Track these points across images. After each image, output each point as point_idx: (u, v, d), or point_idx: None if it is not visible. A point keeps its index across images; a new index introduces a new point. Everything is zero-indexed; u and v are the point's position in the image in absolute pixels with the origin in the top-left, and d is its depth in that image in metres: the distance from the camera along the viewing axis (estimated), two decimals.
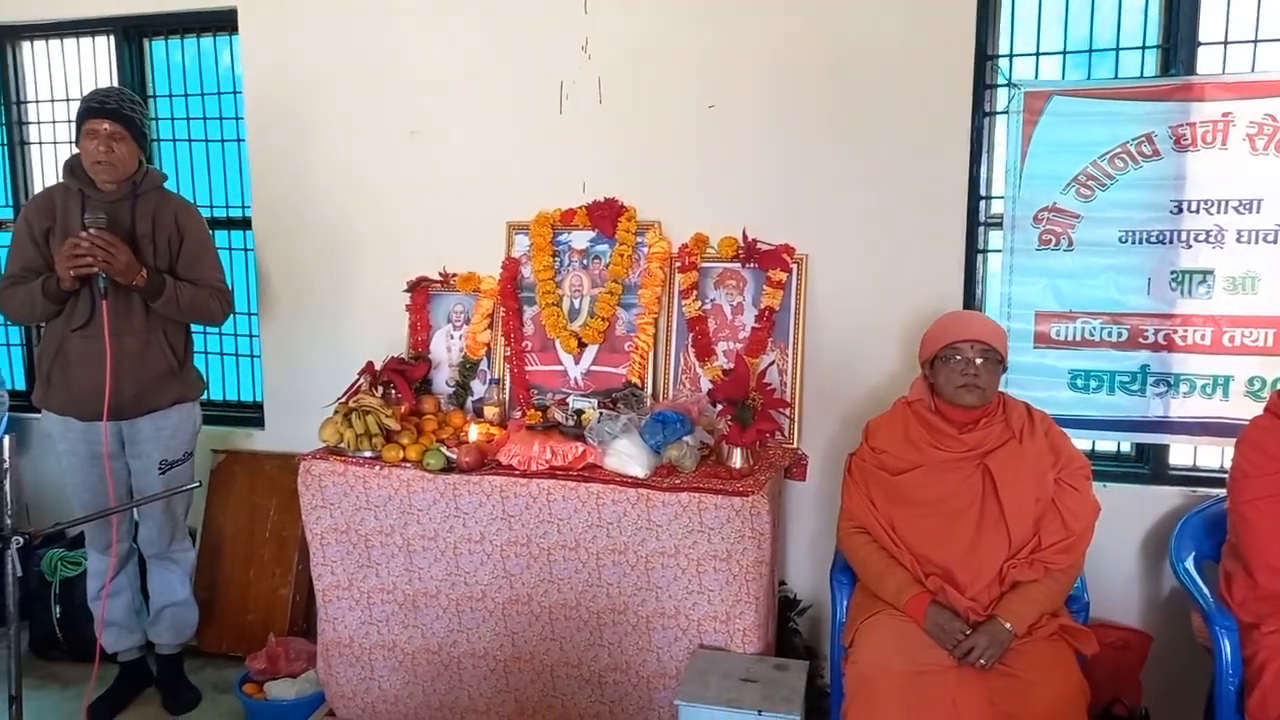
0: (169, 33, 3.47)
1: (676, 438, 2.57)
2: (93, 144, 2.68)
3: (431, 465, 2.62)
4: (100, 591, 2.91)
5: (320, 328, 3.41)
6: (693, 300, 2.92)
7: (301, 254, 3.39)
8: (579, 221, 3.05)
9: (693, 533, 2.43)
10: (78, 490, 2.87)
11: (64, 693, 3.09)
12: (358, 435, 2.72)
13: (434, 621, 2.67)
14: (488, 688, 2.65)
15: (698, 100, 2.94)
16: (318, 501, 2.72)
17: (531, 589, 2.57)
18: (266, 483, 3.41)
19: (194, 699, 3.03)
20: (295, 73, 3.27)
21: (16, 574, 2.14)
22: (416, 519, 2.64)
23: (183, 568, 3.04)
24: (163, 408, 2.85)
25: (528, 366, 3.09)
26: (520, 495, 2.55)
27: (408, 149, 3.23)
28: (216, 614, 3.31)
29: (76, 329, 2.72)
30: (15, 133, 3.68)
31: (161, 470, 2.87)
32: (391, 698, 2.73)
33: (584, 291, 3.06)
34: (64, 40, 3.60)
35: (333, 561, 2.73)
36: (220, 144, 3.51)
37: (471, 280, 3.16)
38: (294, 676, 2.93)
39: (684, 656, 2.47)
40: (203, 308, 2.86)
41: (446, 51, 3.14)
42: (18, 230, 2.80)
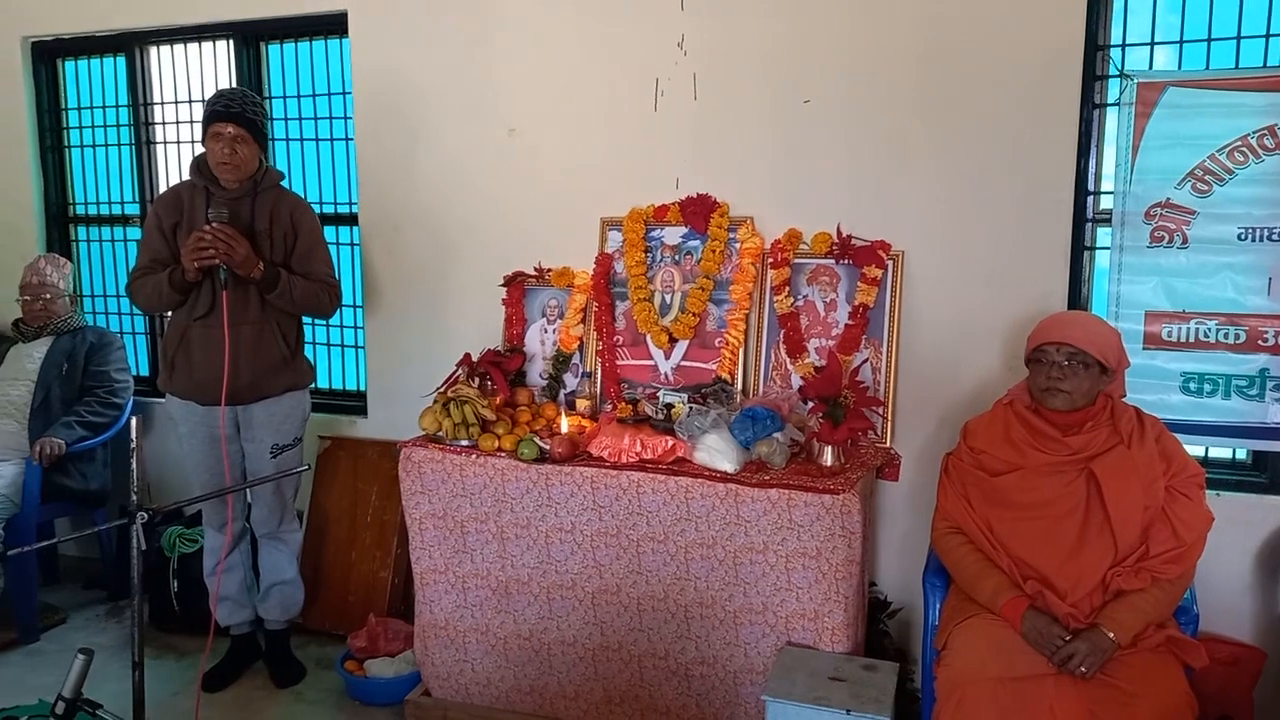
0: (284, 36, 3.64)
1: (766, 434, 2.57)
2: (218, 146, 2.83)
3: (525, 455, 2.68)
4: (215, 567, 3.08)
5: (421, 320, 3.53)
6: (785, 296, 2.91)
7: (404, 249, 3.51)
8: (671, 217, 3.07)
9: (782, 529, 2.42)
10: (196, 471, 3.04)
11: (180, 662, 3.27)
12: (455, 424, 2.80)
13: (526, 608, 2.73)
14: (577, 675, 2.70)
15: (792, 95, 2.93)
16: (417, 487, 2.81)
17: (620, 579, 2.61)
18: (369, 468, 3.55)
19: (299, 673, 3.17)
20: (401, 74, 3.39)
21: (141, 548, 2.29)
22: (510, 507, 2.71)
23: (291, 548, 3.18)
24: (275, 394, 2.99)
25: (619, 360, 3.12)
26: (610, 487, 2.59)
27: (506, 147, 3.30)
28: (320, 593, 3.46)
29: (198, 318, 2.88)
30: (142, 133, 3.91)
31: (273, 454, 3.01)
32: (484, 680, 2.81)
33: (675, 287, 3.09)
34: (187, 45, 3.80)
35: (430, 546, 2.82)
36: (330, 143, 3.66)
37: (566, 275, 3.22)
38: (392, 656, 3.05)
39: (771, 653, 2.47)
40: (314, 300, 2.99)
41: (545, 52, 3.20)
42: (147, 224, 2.98)
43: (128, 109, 3.91)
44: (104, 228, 4.09)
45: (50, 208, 4.11)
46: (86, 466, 3.61)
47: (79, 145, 4.08)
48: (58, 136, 4.08)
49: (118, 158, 4.00)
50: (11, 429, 3.51)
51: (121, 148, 3.98)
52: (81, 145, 4.08)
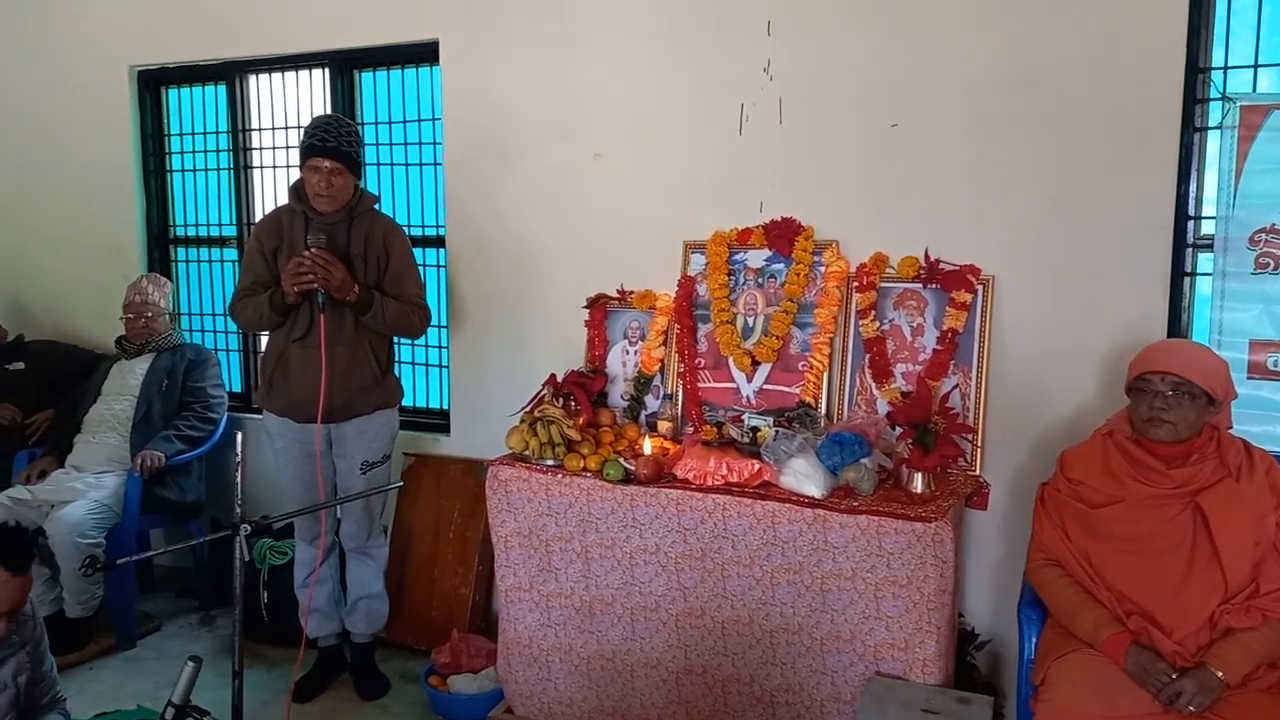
0: (376, 65, 3.76)
1: (854, 459, 2.55)
2: (315, 179, 2.92)
3: (611, 475, 2.70)
4: (306, 579, 3.17)
5: (503, 340, 3.59)
6: (871, 320, 2.89)
7: (489, 270, 3.58)
8: (755, 241, 3.08)
9: (871, 556, 2.40)
10: (290, 485, 3.14)
11: (270, 672, 3.36)
12: (541, 444, 2.85)
13: (609, 629, 2.75)
14: (659, 698, 2.70)
15: (879, 119, 2.92)
16: (503, 505, 2.86)
17: (705, 603, 2.61)
18: (452, 486, 3.61)
19: (384, 687, 3.23)
20: (489, 100, 3.47)
21: (244, 559, 2.37)
22: (595, 527, 2.73)
23: (378, 562, 3.26)
24: (366, 413, 3.07)
25: (700, 383, 3.14)
26: (696, 509, 2.59)
27: (591, 171, 3.36)
28: (403, 608, 3.52)
29: (296, 340, 2.98)
30: (240, 158, 4.07)
31: (363, 470, 3.09)
32: (567, 700, 2.83)
33: (758, 310, 3.09)
34: (284, 73, 3.95)
35: (515, 564, 2.86)
36: (420, 167, 3.76)
37: (648, 298, 3.25)
38: (475, 672, 3.09)
39: (859, 682, 2.44)
40: (405, 322, 3.07)
41: (631, 78, 3.25)
42: (249, 247, 3.10)
43: (227, 135, 4.07)
44: (202, 249, 4.27)
45: (152, 229, 4.29)
46: (183, 479, 3.74)
47: (180, 170, 4.26)
48: (160, 161, 4.27)
49: (216, 182, 4.17)
50: (115, 441, 3.66)
51: (220, 172, 4.14)
52: (182, 170, 4.26)
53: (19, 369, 4.01)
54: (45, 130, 4.34)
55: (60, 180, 4.34)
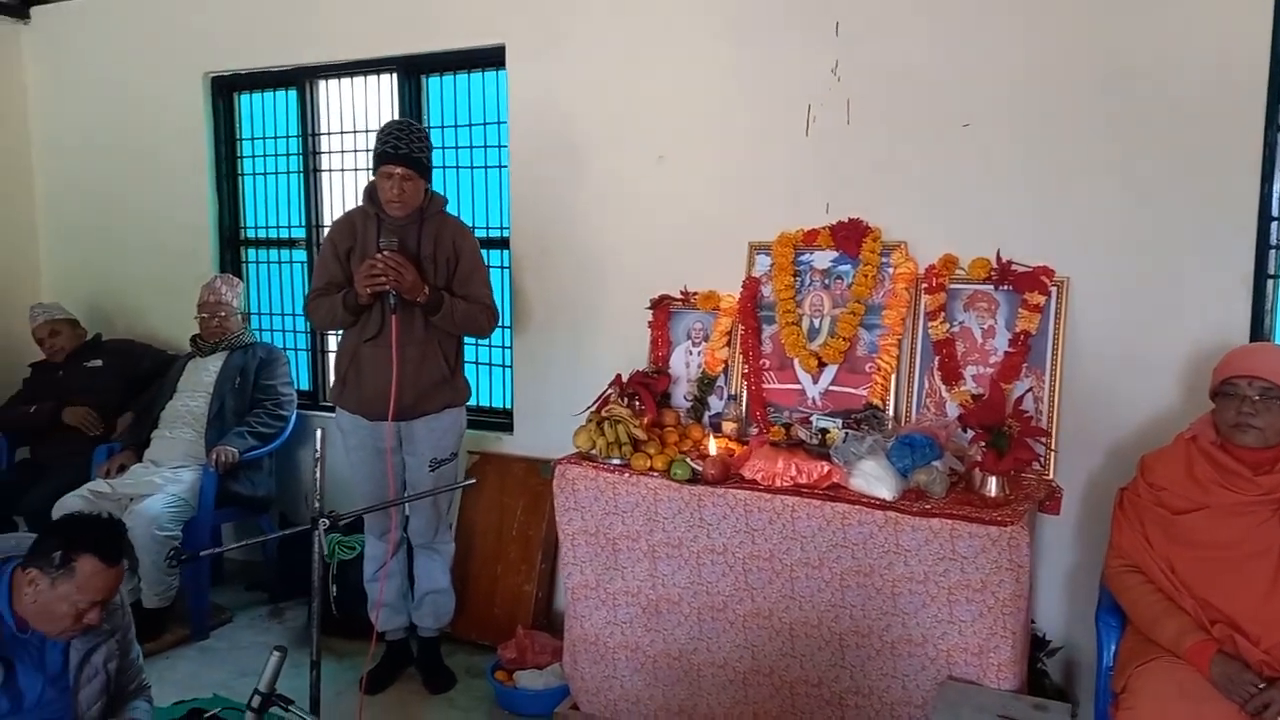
0: (444, 69, 3.82)
1: (925, 462, 2.54)
2: (387, 185, 2.97)
3: (678, 475, 2.72)
4: (376, 573, 3.23)
5: (566, 340, 3.62)
6: (940, 322, 2.87)
7: (552, 271, 3.62)
8: (822, 242, 3.08)
9: (944, 560, 2.38)
10: (361, 481, 3.20)
11: (339, 664, 3.43)
12: (609, 443, 2.87)
13: (676, 628, 2.76)
14: (726, 698, 2.71)
15: (949, 119, 2.90)
16: (570, 504, 2.88)
17: (773, 604, 2.61)
18: (515, 484, 3.65)
19: (450, 681, 3.28)
20: (554, 103, 3.51)
21: (322, 552, 2.43)
22: (662, 526, 2.75)
23: (445, 558, 3.31)
24: (435, 411, 3.13)
25: (765, 384, 3.13)
26: (764, 510, 2.59)
27: (655, 173, 3.37)
28: (467, 604, 3.57)
29: (369, 339, 3.05)
30: (310, 161, 4.16)
31: (431, 468, 3.14)
32: (633, 698, 2.85)
33: (824, 311, 3.08)
34: (353, 78, 4.04)
35: (582, 562, 2.89)
36: (485, 170, 3.81)
37: (711, 299, 3.26)
38: (540, 668, 3.13)
39: (931, 686, 2.42)
40: (473, 322, 3.12)
41: (696, 80, 3.26)
42: (323, 249, 3.17)
43: (297, 139, 4.17)
44: (271, 250, 4.37)
45: (224, 231, 4.41)
46: (254, 474, 3.84)
47: (251, 173, 4.37)
48: (232, 165, 4.39)
49: (286, 184, 4.27)
50: (190, 437, 3.77)
51: (290, 175, 4.24)
52: (253, 173, 4.36)
53: (97, 366, 4.14)
54: (124, 137, 4.48)
55: (138, 184, 4.48)
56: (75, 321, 4.18)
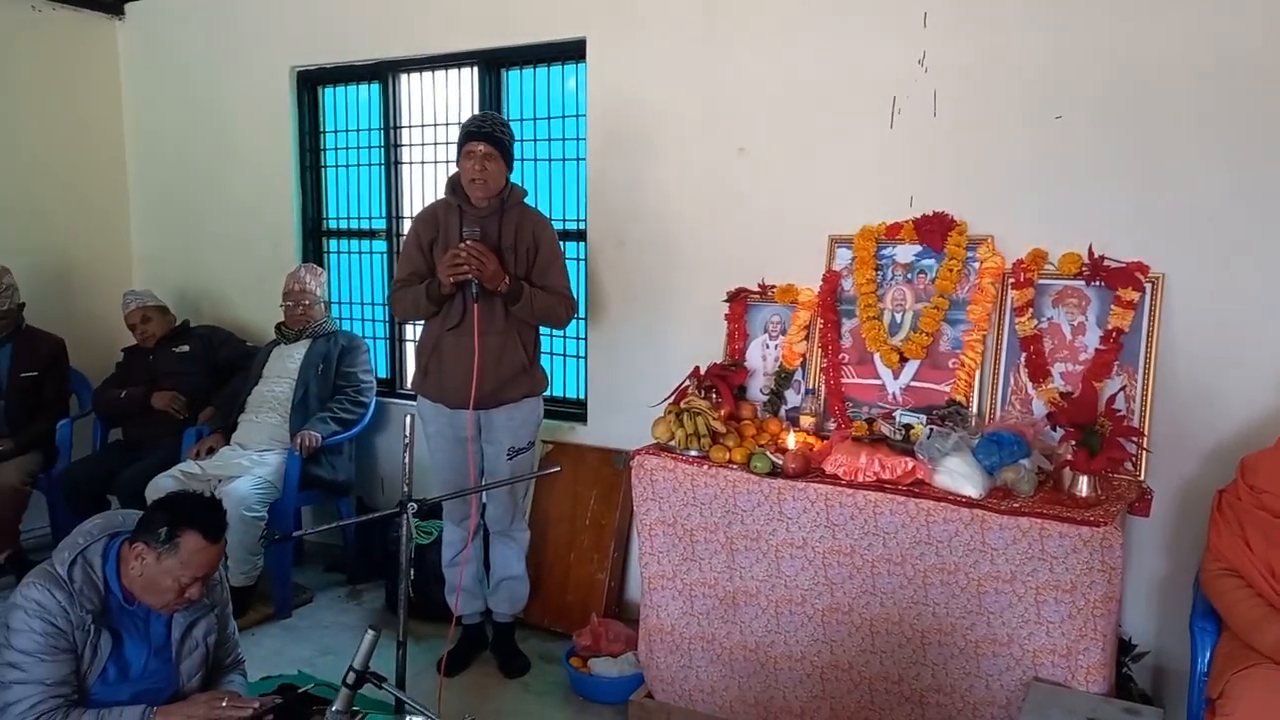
0: (523, 63, 3.86)
1: (1013, 460, 2.50)
2: (470, 164, 3.03)
3: (758, 468, 2.72)
4: (454, 558, 3.30)
5: (641, 333, 3.64)
6: (1028, 318, 2.81)
7: (628, 264, 3.64)
8: (905, 235, 3.04)
9: (1032, 560, 2.34)
10: (440, 468, 3.26)
11: (417, 646, 3.50)
12: (688, 435, 2.88)
13: (753, 620, 2.77)
14: (803, 692, 2.71)
15: (1040, 110, 2.84)
16: (648, 494, 2.90)
17: (853, 599, 2.60)
18: (589, 474, 3.69)
19: (525, 665, 3.33)
20: (634, 96, 3.52)
21: (410, 536, 2.49)
22: (740, 519, 2.75)
23: (520, 545, 3.36)
24: (514, 400, 3.17)
25: (844, 379, 3.11)
26: (845, 505, 2.58)
27: (735, 165, 3.37)
28: (540, 591, 3.62)
29: (451, 328, 3.10)
30: (392, 154, 4.24)
31: (509, 456, 3.19)
32: (708, 688, 2.87)
33: (906, 306, 3.05)
34: (435, 72, 4.10)
35: (659, 552, 2.90)
36: (562, 162, 3.85)
37: (790, 292, 3.24)
38: (614, 656, 3.15)
39: (1015, 687, 2.39)
40: (551, 312, 3.16)
41: (779, 72, 3.24)
42: (407, 240, 3.24)
43: (379, 131, 4.25)
44: (352, 240, 4.47)
45: (306, 222, 4.52)
46: (335, 459, 3.94)
47: (333, 165, 4.47)
48: (315, 157, 4.49)
49: (367, 177, 4.36)
50: (275, 421, 3.88)
51: (371, 168, 4.33)
52: (335, 165, 4.47)
53: (184, 351, 4.27)
54: (213, 129, 4.62)
55: (226, 176, 4.62)
56: (165, 308, 4.32)
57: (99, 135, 4.82)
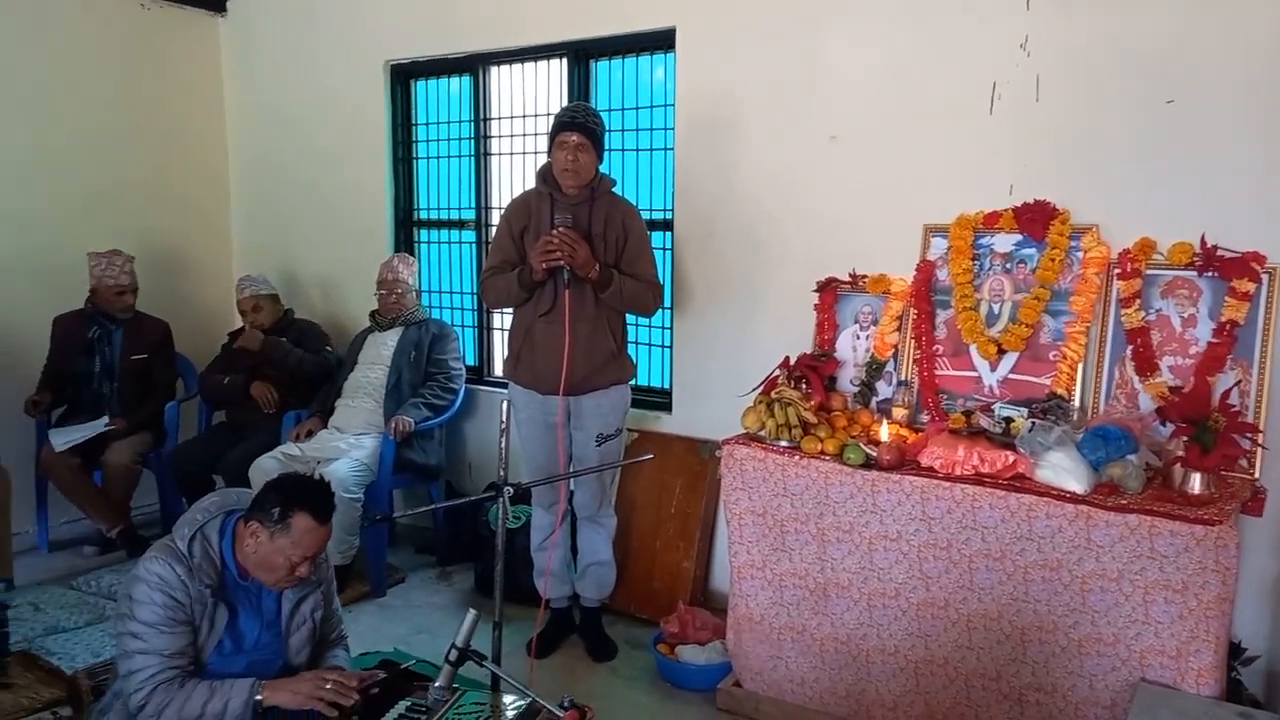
0: (612, 54, 3.88)
1: (1120, 455, 2.43)
2: (562, 154, 3.07)
3: (851, 460, 2.70)
4: (543, 542, 3.35)
5: (727, 322, 3.64)
6: (1134, 310, 2.72)
7: (716, 253, 3.64)
8: (1004, 224, 2.97)
9: (1140, 558, 2.28)
10: (531, 454, 3.31)
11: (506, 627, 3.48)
12: (778, 425, 2.87)
13: (845, 612, 2.75)
14: (896, 686, 2.68)
15: (1150, 94, 2.74)
16: (738, 484, 2.90)
17: (949, 594, 2.56)
18: (675, 463, 3.71)
19: (612, 650, 3.37)
20: (724, 85, 3.51)
21: (506, 517, 2.54)
22: (832, 510, 2.73)
23: (608, 531, 3.40)
24: (603, 387, 3.20)
25: (938, 371, 3.06)
26: (942, 499, 2.54)
27: (826, 154, 3.33)
28: (626, 577, 3.64)
29: (542, 315, 3.14)
30: (481, 145, 4.31)
31: (598, 442, 3.23)
32: (798, 679, 2.86)
33: (1005, 296, 2.98)
34: (524, 64, 4.15)
35: (749, 542, 2.91)
36: (650, 153, 3.86)
37: (882, 282, 3.20)
38: (701, 644, 3.17)
39: (1120, 687, 2.33)
40: (639, 300, 3.18)
41: (873, 58, 3.20)
42: (499, 228, 3.29)
43: (469, 123, 4.33)
44: (442, 230, 4.56)
45: (399, 213, 4.63)
46: (427, 444, 4.04)
47: (424, 157, 4.57)
48: (407, 149, 4.59)
49: (457, 168, 4.44)
50: (370, 406, 3.99)
51: (461, 159, 4.41)
52: (426, 157, 4.56)
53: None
54: (309, 122, 4.76)
55: (321, 168, 4.76)
56: (277, 297, 4.43)
57: (201, 128, 5.01)
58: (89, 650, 3.16)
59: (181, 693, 2.12)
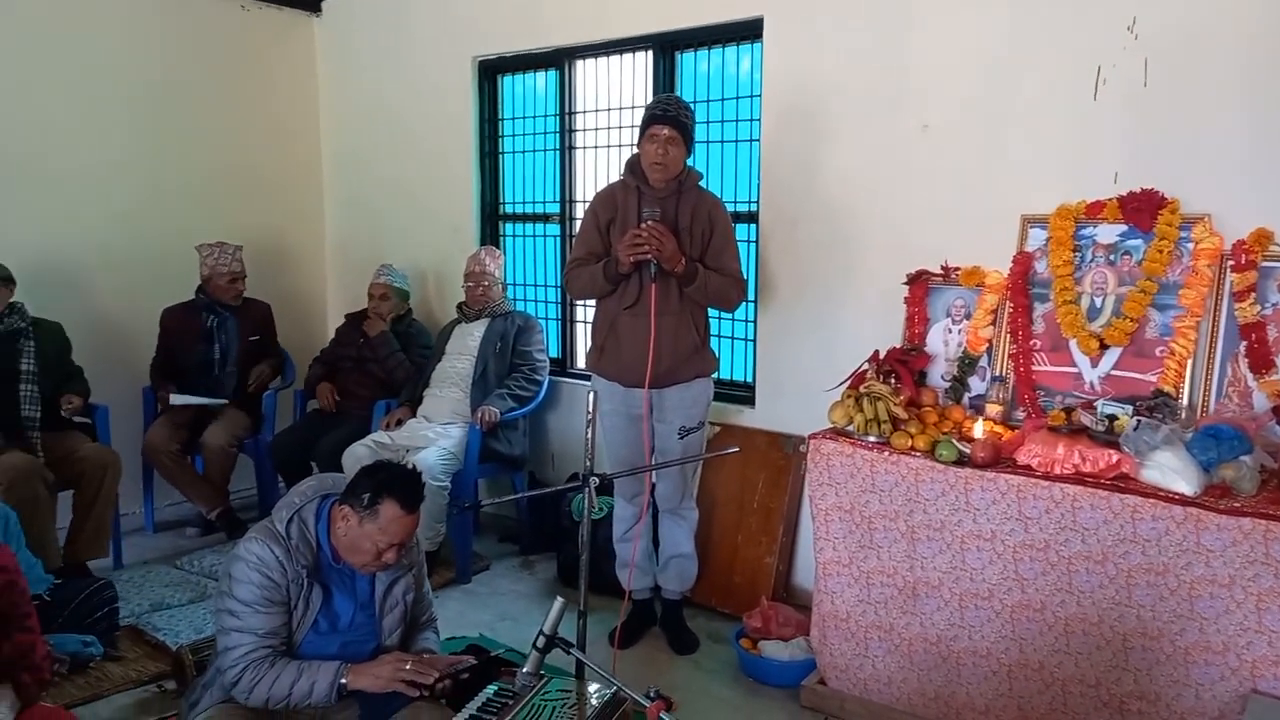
0: (697, 45, 3.86)
1: (1233, 456, 2.31)
2: (652, 147, 3.06)
3: (944, 457, 2.63)
4: (625, 533, 3.37)
5: (812, 316, 3.59)
6: (1250, 304, 2.59)
7: (801, 246, 3.59)
8: (1107, 214, 2.85)
9: (1254, 564, 2.16)
10: (615, 446, 3.33)
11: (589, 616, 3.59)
12: (867, 420, 2.82)
13: (934, 612, 2.69)
14: (988, 689, 2.61)
15: (1268, 78, 2.60)
16: (824, 479, 2.86)
17: (1046, 597, 2.48)
18: (757, 457, 3.68)
19: (694, 643, 3.37)
20: (811, 74, 3.46)
21: (591, 506, 2.55)
22: (923, 508, 2.67)
23: (690, 524, 3.39)
24: (686, 380, 3.19)
25: (1035, 366, 2.96)
26: (1040, 498, 2.46)
27: (917, 143, 3.26)
28: (707, 571, 3.63)
29: (627, 308, 3.15)
30: (566, 139, 4.34)
31: (680, 435, 3.22)
32: (885, 679, 2.81)
33: (1108, 289, 2.86)
34: (609, 57, 4.16)
35: (835, 538, 2.86)
36: (734, 144, 3.83)
37: (975, 275, 3.11)
38: (784, 640, 3.14)
39: (1230, 698, 2.22)
40: (723, 294, 3.15)
41: (969, 44, 3.11)
42: (585, 220, 3.31)
43: (555, 118, 4.36)
44: (527, 224, 4.61)
45: (485, 207, 4.70)
46: (511, 434, 4.09)
47: (510, 151, 4.62)
48: (494, 143, 4.65)
49: (542, 161, 4.48)
50: (457, 396, 4.07)
51: (546, 153, 4.45)
52: (512, 151, 4.61)
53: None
54: (401, 121, 4.86)
55: (410, 164, 4.86)
56: (406, 294, 4.48)
57: (297, 124, 5.16)
58: (192, 627, 3.29)
59: (272, 671, 2.19)
